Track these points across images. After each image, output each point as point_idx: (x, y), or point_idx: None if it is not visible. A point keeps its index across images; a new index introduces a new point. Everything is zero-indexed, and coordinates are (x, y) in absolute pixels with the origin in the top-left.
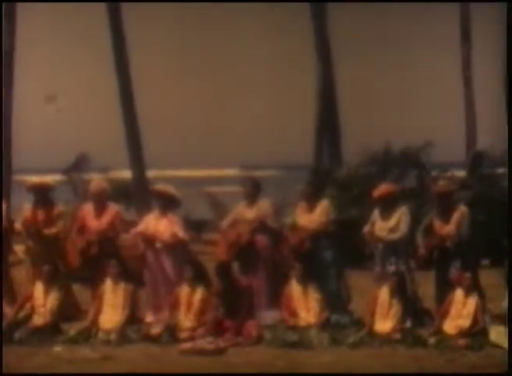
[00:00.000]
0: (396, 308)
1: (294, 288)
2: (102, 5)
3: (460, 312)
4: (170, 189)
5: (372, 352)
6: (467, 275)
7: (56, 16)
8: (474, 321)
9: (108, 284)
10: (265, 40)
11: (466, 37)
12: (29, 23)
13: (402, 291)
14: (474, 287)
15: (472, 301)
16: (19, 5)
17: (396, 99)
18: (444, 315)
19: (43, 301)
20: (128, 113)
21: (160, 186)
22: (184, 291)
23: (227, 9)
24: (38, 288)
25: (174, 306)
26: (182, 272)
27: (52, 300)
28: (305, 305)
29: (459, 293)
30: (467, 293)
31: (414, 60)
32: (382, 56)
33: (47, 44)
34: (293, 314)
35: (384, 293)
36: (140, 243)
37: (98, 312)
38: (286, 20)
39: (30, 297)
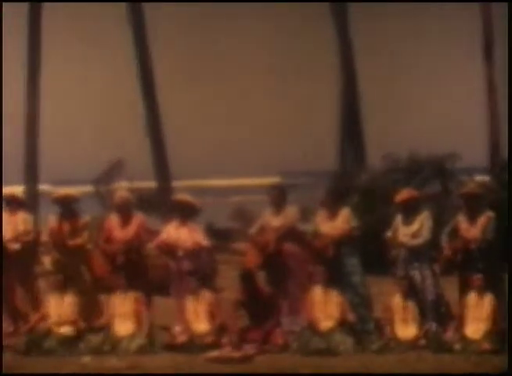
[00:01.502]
0: (413, 312)
1: (317, 294)
2: (125, 15)
3: (478, 314)
4: (189, 198)
5: (397, 357)
6: (478, 276)
7: (80, 27)
8: (494, 323)
9: (117, 294)
10: (286, 47)
11: (489, 44)
12: (54, 35)
13: (416, 295)
14: (487, 289)
15: (487, 303)
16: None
17: (420, 103)
18: (462, 319)
19: (69, 311)
20: (153, 123)
21: (179, 196)
22: (207, 298)
23: (251, 14)
24: (56, 298)
25: (195, 314)
26: (205, 279)
27: (74, 309)
28: (328, 310)
29: (472, 296)
30: (480, 295)
31: (438, 64)
32: (406, 60)
33: (72, 54)
34: (316, 320)
35: (397, 298)
36: (162, 252)
37: (111, 322)
38: (308, 27)
39: (55, 307)
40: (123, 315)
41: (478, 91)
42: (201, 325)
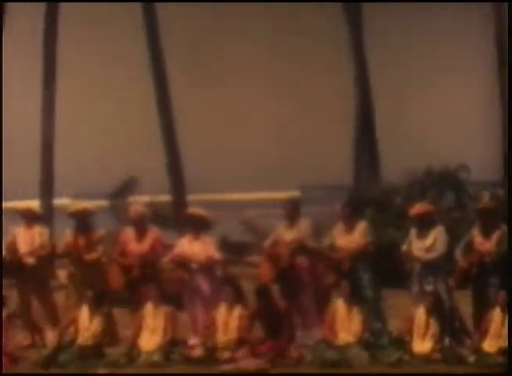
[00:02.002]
0: (434, 327)
1: (339, 307)
2: (140, 25)
3: (500, 331)
4: (201, 211)
5: (412, 371)
6: (503, 293)
7: (96, 40)
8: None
9: (148, 308)
10: (302, 53)
11: (501, 48)
12: (70, 47)
13: (439, 311)
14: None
15: (495, 318)
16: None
17: (433, 114)
18: (483, 334)
19: (88, 324)
20: (168, 136)
21: (192, 209)
22: (221, 311)
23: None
24: (84, 312)
25: (212, 327)
26: (219, 293)
27: (96, 324)
28: (348, 324)
29: (497, 312)
30: (504, 312)
31: (450, 75)
32: (421, 70)
33: (86, 65)
34: (334, 333)
35: (420, 313)
36: (176, 265)
37: (138, 335)
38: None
39: (73, 321)
40: (152, 328)
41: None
42: (215, 339)
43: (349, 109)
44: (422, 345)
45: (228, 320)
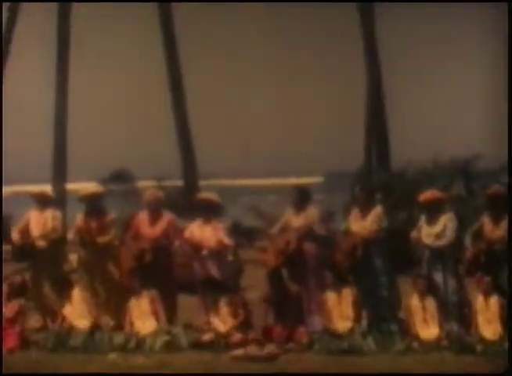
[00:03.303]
0: (431, 312)
1: (329, 298)
2: (156, 17)
3: (490, 316)
4: (213, 196)
5: (420, 358)
6: (486, 279)
7: (109, 32)
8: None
9: (133, 296)
10: (318, 49)
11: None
12: (83, 28)
13: (434, 295)
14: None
15: (494, 305)
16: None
17: (443, 104)
18: (475, 321)
19: (85, 307)
20: (181, 122)
21: (203, 194)
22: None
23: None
24: (78, 294)
25: (217, 313)
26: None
27: (94, 305)
28: (343, 311)
29: (479, 298)
30: (486, 297)
31: (461, 64)
32: (431, 62)
33: (99, 51)
34: (332, 322)
35: (414, 298)
36: (186, 250)
37: (132, 320)
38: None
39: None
40: (141, 315)
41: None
42: (224, 325)
43: (360, 98)
44: (427, 330)
45: (237, 307)
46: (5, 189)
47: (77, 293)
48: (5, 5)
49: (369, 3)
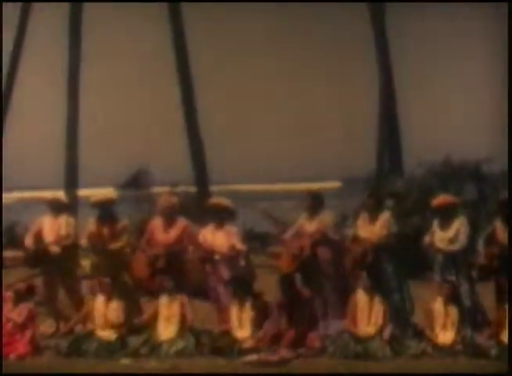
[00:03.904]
0: (453, 317)
1: (360, 298)
2: (166, 20)
3: (503, 320)
4: (225, 201)
5: (434, 362)
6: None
7: (120, 32)
8: None
9: (163, 298)
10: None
11: None
12: (93, 40)
13: (457, 301)
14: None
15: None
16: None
17: (455, 106)
18: (498, 325)
19: (105, 313)
20: (192, 127)
21: (215, 199)
22: (233, 305)
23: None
24: (99, 301)
25: (227, 319)
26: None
27: (115, 312)
28: (370, 315)
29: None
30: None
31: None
32: (442, 62)
33: (110, 58)
34: (356, 324)
35: (438, 303)
36: (199, 256)
37: (153, 324)
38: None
39: (91, 310)
40: (167, 318)
41: None
42: (243, 331)
43: (372, 102)
44: (444, 336)
45: (257, 313)
46: (13, 195)
47: (89, 298)
48: (17, 5)
49: (380, 3)
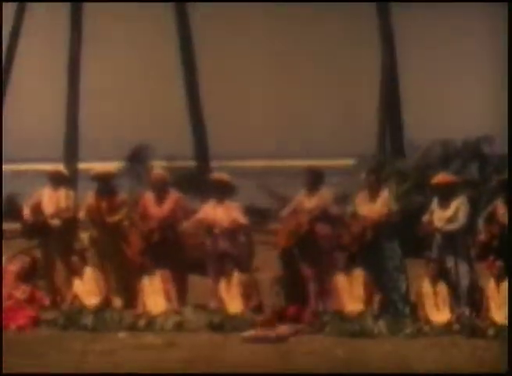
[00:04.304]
0: (443, 296)
1: (340, 280)
2: (169, 4)
3: (501, 301)
4: (225, 176)
5: (431, 341)
6: (498, 263)
7: (121, 14)
8: None
9: (146, 274)
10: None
11: None
12: (95, 24)
13: (444, 279)
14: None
15: (505, 289)
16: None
17: (456, 90)
18: (488, 305)
19: (96, 285)
20: (193, 104)
21: (216, 175)
22: (243, 276)
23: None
24: (89, 273)
25: (228, 295)
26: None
27: (102, 284)
28: (354, 292)
29: (491, 282)
30: (498, 281)
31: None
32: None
33: (112, 38)
34: (343, 305)
35: (426, 282)
36: (199, 230)
37: (144, 299)
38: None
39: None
40: (153, 294)
41: None
42: (235, 306)
43: (376, 81)
44: (438, 315)
45: (248, 288)
46: (13, 167)
47: (88, 271)
48: None
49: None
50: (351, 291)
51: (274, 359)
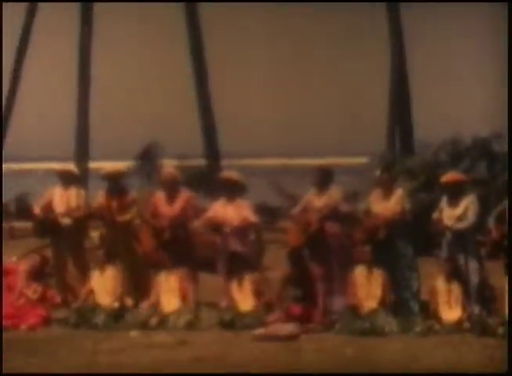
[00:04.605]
0: (456, 295)
1: (360, 274)
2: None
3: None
4: (235, 175)
5: (441, 340)
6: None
7: (132, 14)
8: None
9: (163, 272)
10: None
11: None
12: (105, 23)
13: (459, 278)
14: None
15: None
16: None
17: (464, 87)
18: (498, 304)
19: (107, 284)
20: (204, 103)
21: (226, 173)
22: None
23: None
24: (101, 272)
25: (240, 293)
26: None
27: (117, 283)
28: (371, 290)
29: (503, 281)
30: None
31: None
32: (453, 47)
33: (123, 38)
34: (359, 301)
35: (440, 281)
36: (209, 229)
37: (158, 298)
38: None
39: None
40: (168, 292)
41: None
42: (246, 304)
43: (384, 78)
44: (450, 313)
45: (259, 286)
46: (23, 166)
47: (99, 270)
48: None
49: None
50: (369, 290)
51: (284, 357)
